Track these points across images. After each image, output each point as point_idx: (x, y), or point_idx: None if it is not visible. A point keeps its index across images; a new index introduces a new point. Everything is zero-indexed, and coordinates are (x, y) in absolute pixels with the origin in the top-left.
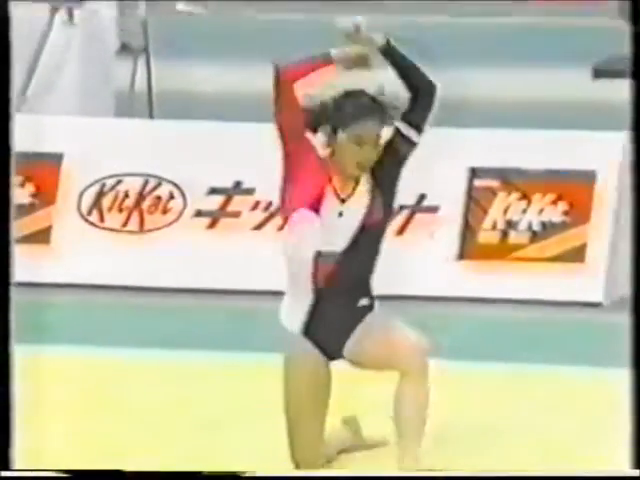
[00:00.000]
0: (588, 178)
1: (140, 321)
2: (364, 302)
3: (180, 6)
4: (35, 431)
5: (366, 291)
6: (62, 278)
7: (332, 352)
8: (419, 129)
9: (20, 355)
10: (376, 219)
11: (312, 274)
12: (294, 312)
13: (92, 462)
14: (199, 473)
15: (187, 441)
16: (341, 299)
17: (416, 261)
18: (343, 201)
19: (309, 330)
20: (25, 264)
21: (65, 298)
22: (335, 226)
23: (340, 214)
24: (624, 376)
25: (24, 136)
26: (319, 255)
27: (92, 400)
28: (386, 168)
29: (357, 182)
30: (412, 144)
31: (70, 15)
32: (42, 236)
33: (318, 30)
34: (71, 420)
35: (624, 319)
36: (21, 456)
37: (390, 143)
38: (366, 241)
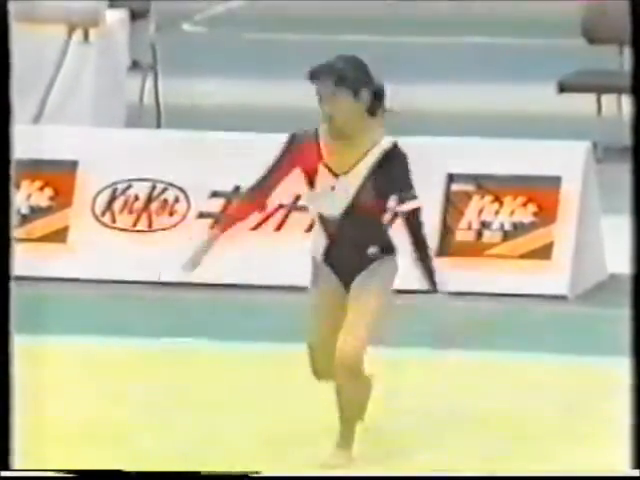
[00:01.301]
0: (554, 183)
1: (148, 312)
2: (372, 250)
3: (186, 27)
4: (35, 431)
5: (374, 242)
6: (77, 273)
7: (344, 283)
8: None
9: (31, 344)
10: (364, 203)
11: (321, 227)
12: (316, 243)
13: (93, 457)
14: (199, 473)
15: (188, 428)
16: (348, 247)
17: (401, 258)
18: (336, 176)
19: (327, 260)
20: (44, 260)
21: (80, 292)
22: (330, 196)
23: (332, 188)
24: (588, 362)
25: (43, 145)
26: (321, 216)
27: (98, 389)
28: (384, 169)
29: (354, 165)
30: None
31: (86, 35)
32: (60, 235)
33: (312, 48)
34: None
35: (588, 310)
36: (21, 456)
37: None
38: (361, 214)
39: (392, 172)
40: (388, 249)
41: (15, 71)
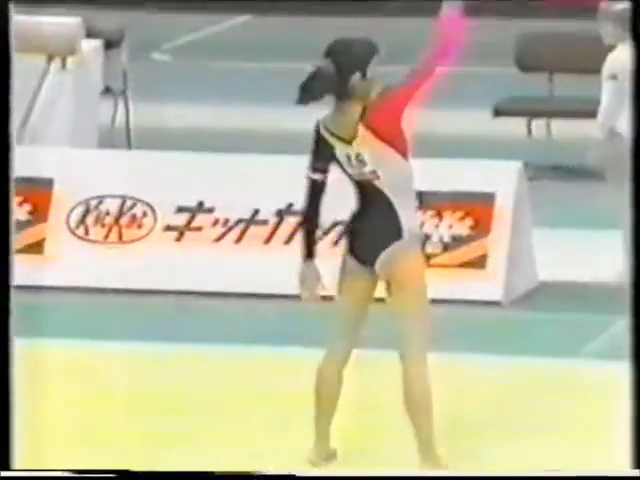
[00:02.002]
0: (489, 199)
1: (117, 317)
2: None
3: (154, 56)
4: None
5: (395, 225)
6: (53, 282)
7: (366, 260)
8: None
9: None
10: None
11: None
12: (417, 222)
13: (92, 457)
14: (199, 473)
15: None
16: (371, 226)
17: None
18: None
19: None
20: (22, 271)
21: (56, 299)
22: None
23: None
24: (521, 362)
25: (22, 164)
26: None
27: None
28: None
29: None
30: None
31: (64, 62)
32: (37, 247)
33: (268, 76)
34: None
35: (520, 315)
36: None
37: None
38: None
39: None
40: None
41: None
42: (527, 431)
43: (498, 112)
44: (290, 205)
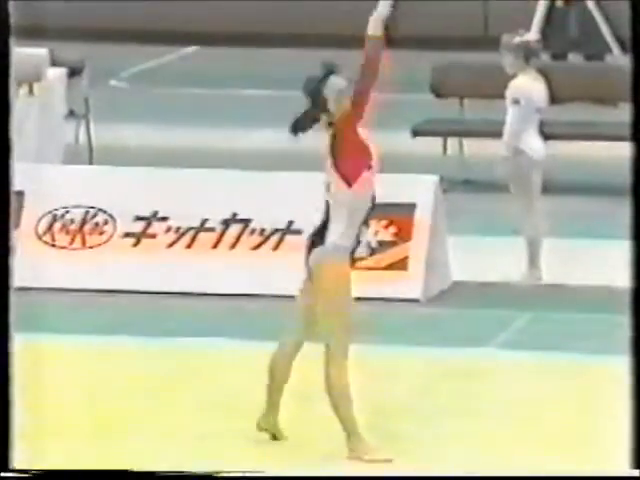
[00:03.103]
0: (410, 209)
1: (80, 315)
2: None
3: (113, 83)
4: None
5: (324, 237)
6: (22, 284)
7: (306, 264)
8: None
9: None
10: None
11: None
12: (348, 236)
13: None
14: (199, 473)
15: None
16: (313, 237)
17: (289, 269)
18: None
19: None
20: None
21: (25, 299)
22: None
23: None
24: (436, 353)
25: None
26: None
27: None
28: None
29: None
30: None
31: (30, 88)
32: None
33: (213, 101)
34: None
35: (436, 311)
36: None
37: None
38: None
39: None
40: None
41: None
42: (442, 412)
43: (416, 133)
44: (235, 214)
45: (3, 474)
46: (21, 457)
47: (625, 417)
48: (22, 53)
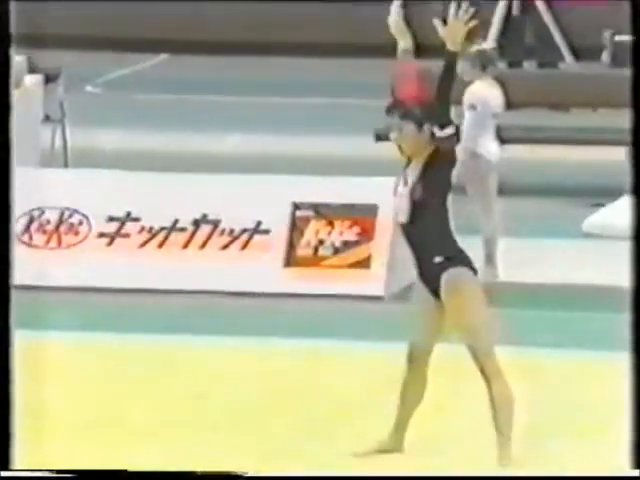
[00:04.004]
0: (373, 210)
1: (54, 312)
2: (438, 259)
3: (88, 89)
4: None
5: (440, 251)
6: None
7: (433, 291)
8: (442, 126)
9: None
10: (417, 198)
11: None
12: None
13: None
14: (198, 473)
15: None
16: (422, 256)
17: (256, 267)
18: (406, 183)
19: (419, 274)
20: None
21: None
22: (399, 202)
23: (401, 194)
24: (398, 348)
25: None
26: (401, 224)
27: None
28: (434, 164)
29: (415, 171)
30: (444, 139)
31: None
32: None
33: (185, 107)
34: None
35: (398, 307)
36: (21, 456)
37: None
38: (420, 215)
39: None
40: (457, 258)
41: None
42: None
43: (379, 137)
44: (205, 215)
45: (3, 474)
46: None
47: (578, 410)
48: None
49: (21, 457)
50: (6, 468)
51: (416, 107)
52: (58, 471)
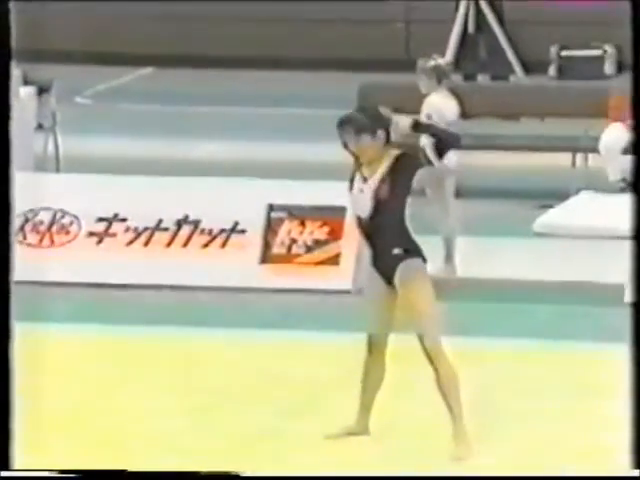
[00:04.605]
0: (341, 211)
1: (46, 306)
2: (397, 251)
3: (78, 100)
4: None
5: (398, 244)
6: None
7: (387, 280)
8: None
9: None
10: (382, 197)
11: (359, 230)
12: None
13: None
14: (198, 473)
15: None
16: (380, 247)
17: (234, 264)
18: (365, 180)
19: (374, 264)
20: None
21: None
22: (360, 198)
23: (361, 190)
24: (364, 338)
25: None
26: (359, 217)
27: None
28: (399, 168)
29: (377, 170)
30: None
31: None
32: None
33: (169, 118)
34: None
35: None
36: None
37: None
38: (381, 211)
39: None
40: (413, 251)
41: None
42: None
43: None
44: (186, 216)
45: (3, 474)
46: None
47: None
48: None
49: (21, 444)
50: (6, 468)
51: (364, 117)
52: (59, 471)
